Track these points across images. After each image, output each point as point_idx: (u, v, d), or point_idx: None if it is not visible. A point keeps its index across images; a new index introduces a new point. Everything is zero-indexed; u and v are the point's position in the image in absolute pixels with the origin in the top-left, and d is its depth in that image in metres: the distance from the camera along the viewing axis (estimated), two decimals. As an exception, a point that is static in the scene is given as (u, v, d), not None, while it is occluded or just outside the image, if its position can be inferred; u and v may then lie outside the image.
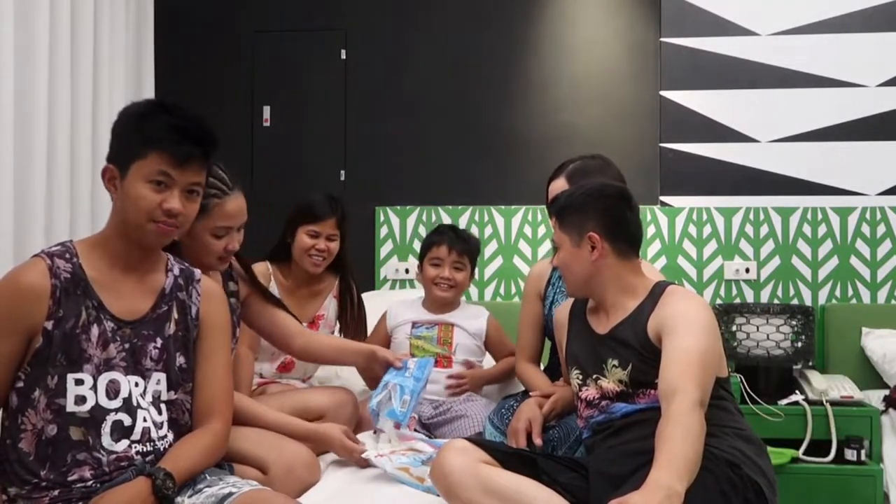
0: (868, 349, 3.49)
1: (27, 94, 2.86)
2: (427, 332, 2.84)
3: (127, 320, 1.68)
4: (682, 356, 1.85)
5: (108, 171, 1.68)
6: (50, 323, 1.59)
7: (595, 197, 2.09)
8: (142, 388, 1.68)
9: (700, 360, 1.84)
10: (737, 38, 3.83)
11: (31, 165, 2.86)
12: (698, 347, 1.86)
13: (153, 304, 1.72)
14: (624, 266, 2.07)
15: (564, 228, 2.10)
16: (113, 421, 1.63)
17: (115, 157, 1.69)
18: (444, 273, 2.84)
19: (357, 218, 3.97)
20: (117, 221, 1.70)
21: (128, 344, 1.67)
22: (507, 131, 3.99)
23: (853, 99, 3.75)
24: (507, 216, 3.93)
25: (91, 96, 3.22)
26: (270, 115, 4.14)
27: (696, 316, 1.93)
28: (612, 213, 2.07)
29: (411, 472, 2.03)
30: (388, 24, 4.10)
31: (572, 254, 2.08)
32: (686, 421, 1.73)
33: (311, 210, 2.81)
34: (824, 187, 3.78)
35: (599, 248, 2.04)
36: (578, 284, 2.11)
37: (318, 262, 2.81)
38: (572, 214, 2.09)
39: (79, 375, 1.61)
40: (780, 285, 3.77)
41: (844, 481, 3.00)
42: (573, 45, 3.98)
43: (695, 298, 2.04)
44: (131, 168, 1.64)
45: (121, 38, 3.49)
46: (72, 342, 1.61)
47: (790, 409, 3.11)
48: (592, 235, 2.04)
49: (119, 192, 1.67)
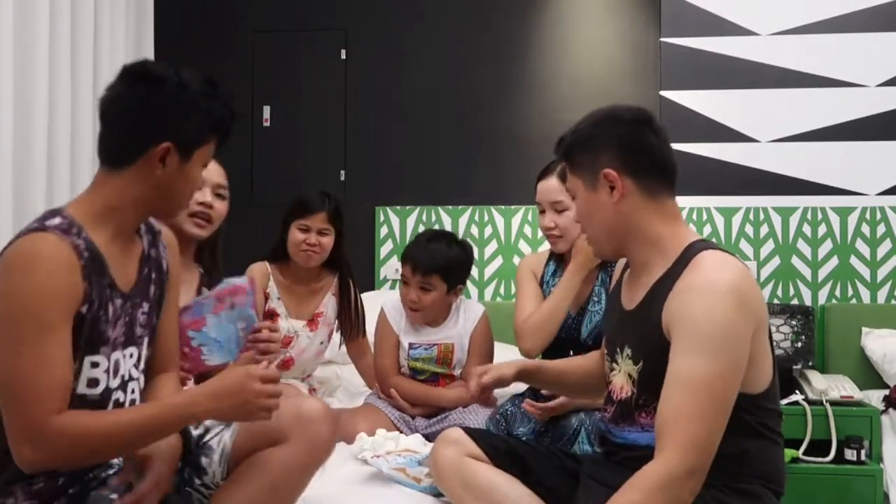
0: (868, 349, 3.49)
1: (27, 94, 2.87)
2: (426, 354, 2.76)
3: (126, 292, 1.57)
4: (681, 387, 1.51)
5: (166, 149, 1.54)
6: (85, 307, 1.47)
7: (606, 125, 1.71)
8: (135, 357, 1.61)
9: (706, 394, 1.49)
10: (737, 38, 3.83)
11: (31, 164, 2.87)
12: (705, 375, 1.49)
13: (138, 270, 1.62)
14: (655, 209, 1.68)
15: (575, 171, 1.74)
16: (113, 400, 1.56)
17: (176, 135, 1.55)
18: (411, 295, 2.68)
19: (357, 218, 3.98)
20: (141, 193, 1.56)
21: (127, 317, 1.57)
22: (507, 131, 3.99)
23: (853, 99, 3.75)
24: (506, 216, 3.93)
25: (91, 96, 3.22)
26: (270, 115, 4.14)
27: (713, 326, 1.51)
28: (630, 140, 1.68)
29: (408, 473, 2.03)
30: (388, 24, 4.10)
31: (589, 200, 1.71)
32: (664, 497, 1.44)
33: (302, 204, 2.82)
34: (824, 187, 3.77)
35: (619, 186, 1.66)
36: (603, 240, 1.74)
37: (309, 256, 2.79)
38: (581, 152, 1.72)
39: (95, 358, 1.52)
40: (780, 285, 3.77)
41: (844, 481, 2.99)
42: (573, 45, 3.98)
43: (720, 293, 1.54)
44: (195, 153, 1.58)
45: (121, 38, 3.50)
46: (95, 325, 1.50)
47: (790, 409, 3.11)
48: (608, 172, 1.66)
49: (170, 171, 1.55)
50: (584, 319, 2.53)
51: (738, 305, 1.54)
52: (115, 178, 1.55)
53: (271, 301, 2.88)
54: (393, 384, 2.72)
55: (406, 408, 2.69)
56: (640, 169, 1.68)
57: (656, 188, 1.69)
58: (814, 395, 3.13)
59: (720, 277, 1.56)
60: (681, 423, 1.48)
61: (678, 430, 1.48)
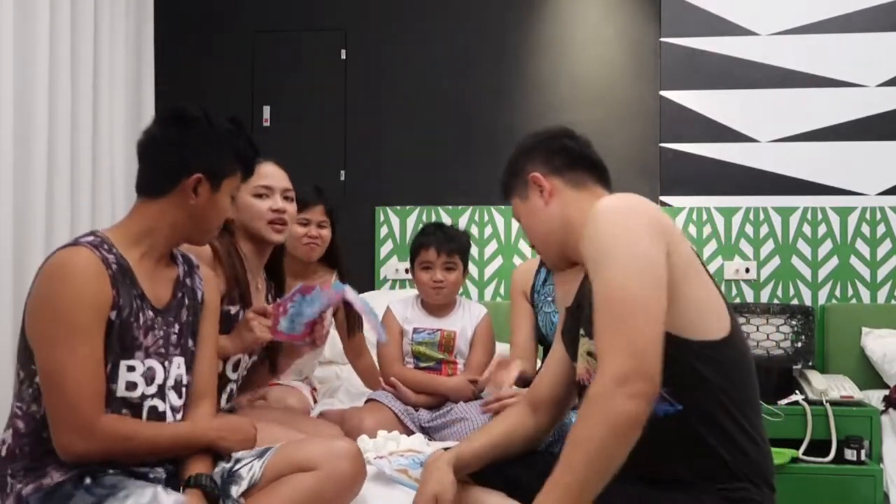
0: (868, 349, 3.49)
1: (27, 94, 2.86)
2: (429, 339, 2.82)
3: (159, 308, 1.74)
4: (598, 308, 1.43)
5: (198, 180, 1.74)
6: (114, 312, 1.64)
7: (525, 146, 1.80)
8: (168, 373, 1.75)
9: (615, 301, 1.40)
10: (737, 38, 3.83)
11: (31, 165, 2.86)
12: (605, 285, 1.42)
13: (172, 293, 1.79)
14: (585, 198, 1.68)
15: (512, 194, 1.80)
16: (149, 406, 1.70)
17: (206, 167, 1.75)
18: (437, 276, 2.79)
19: (357, 218, 3.98)
20: (176, 219, 1.75)
21: (161, 332, 1.73)
22: (507, 131, 3.98)
23: (853, 99, 3.75)
24: (507, 216, 3.93)
25: (91, 96, 3.22)
26: (270, 115, 4.14)
27: (597, 240, 1.46)
28: (547, 145, 1.75)
29: (409, 474, 2.03)
30: (388, 24, 4.10)
31: (526, 210, 1.76)
32: (596, 411, 1.35)
33: (299, 199, 2.84)
34: (824, 187, 3.78)
35: (546, 186, 1.71)
36: (548, 246, 1.76)
37: (312, 248, 2.83)
38: (512, 176, 1.79)
39: (131, 362, 1.67)
40: (780, 285, 3.77)
41: (844, 481, 2.99)
42: (573, 45, 3.98)
43: (600, 213, 1.50)
44: (223, 183, 1.78)
45: (121, 38, 3.49)
46: (127, 330, 1.66)
47: (790, 409, 3.11)
48: (534, 175, 1.72)
49: (202, 200, 1.75)
50: None
51: (618, 214, 1.49)
52: (152, 205, 1.76)
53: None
54: (395, 373, 2.76)
55: (409, 396, 2.71)
56: (564, 165, 1.72)
57: (584, 180, 1.72)
58: (814, 395, 3.13)
59: (602, 204, 1.53)
60: (602, 339, 1.41)
61: (601, 346, 1.40)
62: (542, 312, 2.64)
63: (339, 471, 1.75)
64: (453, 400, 2.72)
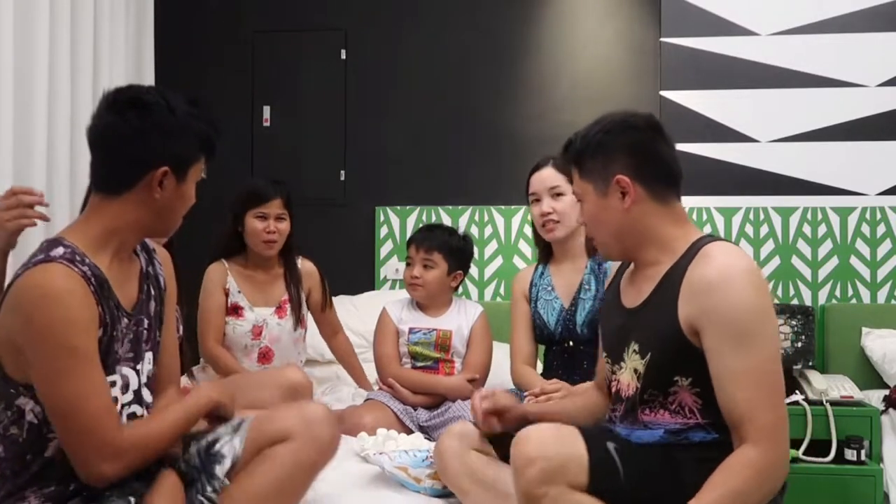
0: (868, 349, 3.49)
1: (27, 93, 2.87)
2: (424, 338, 2.82)
3: (130, 311, 1.64)
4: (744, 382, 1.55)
5: (164, 173, 1.60)
6: (101, 330, 1.55)
7: (617, 131, 1.74)
8: (141, 374, 1.68)
9: (771, 382, 1.56)
10: (737, 38, 3.83)
11: (31, 163, 2.87)
12: (760, 364, 1.55)
13: (139, 288, 1.69)
14: (665, 213, 1.73)
15: (585, 175, 1.76)
16: (128, 414, 1.64)
17: (171, 158, 1.60)
18: (413, 272, 2.79)
19: (357, 218, 3.99)
20: (140, 217, 1.61)
21: (131, 334, 1.64)
22: (506, 131, 3.99)
23: (853, 99, 3.75)
24: (506, 216, 3.93)
25: (91, 96, 3.22)
26: (270, 115, 4.14)
27: (745, 315, 1.55)
28: (642, 147, 1.73)
29: (409, 472, 2.03)
30: (388, 24, 4.10)
31: (599, 205, 1.74)
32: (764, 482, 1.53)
33: (256, 193, 2.91)
34: (824, 187, 3.78)
35: (631, 192, 1.70)
36: (611, 243, 1.77)
37: (270, 245, 2.89)
38: (593, 157, 1.74)
39: (112, 378, 1.59)
40: (780, 285, 3.77)
41: (844, 481, 2.99)
42: (573, 45, 3.98)
43: (741, 282, 1.58)
44: (189, 172, 1.65)
45: (121, 38, 3.49)
46: (111, 345, 1.58)
47: (790, 408, 3.03)
48: (621, 178, 1.70)
49: (167, 193, 1.61)
50: (578, 309, 2.59)
51: (758, 287, 1.60)
52: (113, 203, 1.61)
53: (232, 296, 2.94)
54: (392, 374, 2.75)
55: (407, 396, 2.71)
56: (652, 175, 1.73)
57: (665, 193, 1.74)
58: (814, 395, 3.13)
59: (734, 264, 1.61)
60: (759, 414, 1.53)
61: (760, 420, 1.52)
62: (542, 300, 2.67)
63: (314, 436, 1.73)
64: (451, 399, 2.72)
